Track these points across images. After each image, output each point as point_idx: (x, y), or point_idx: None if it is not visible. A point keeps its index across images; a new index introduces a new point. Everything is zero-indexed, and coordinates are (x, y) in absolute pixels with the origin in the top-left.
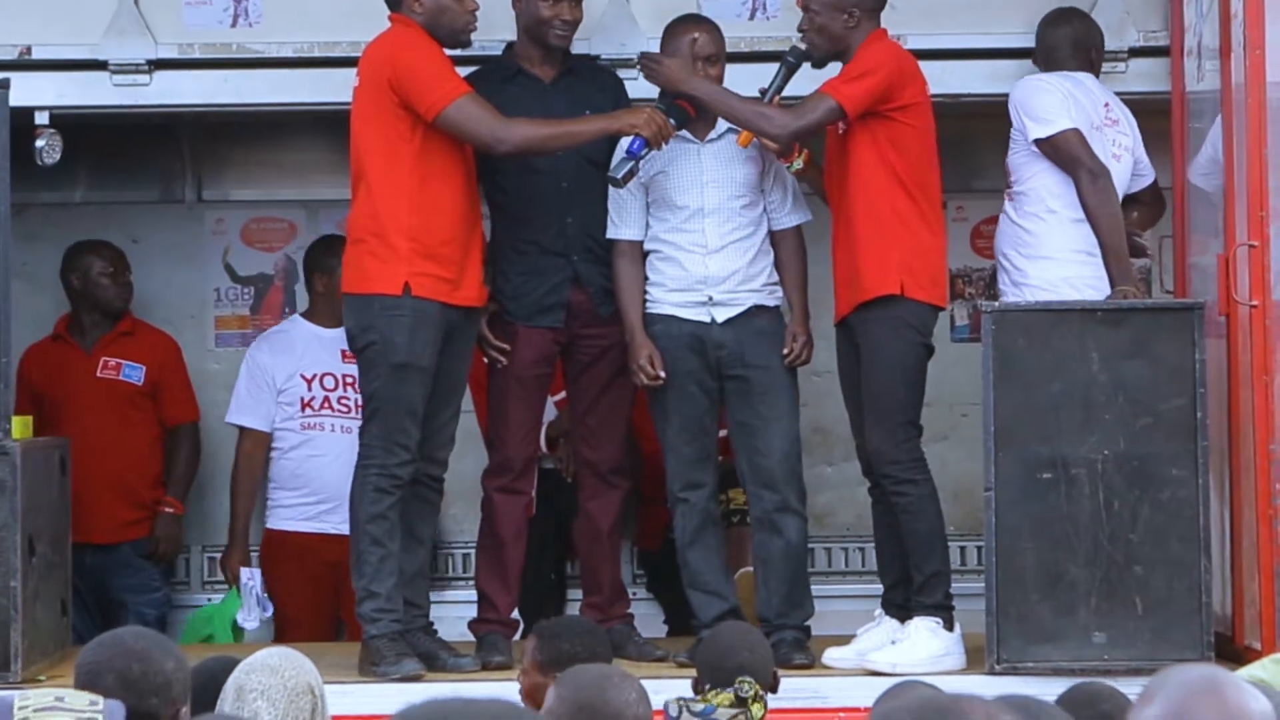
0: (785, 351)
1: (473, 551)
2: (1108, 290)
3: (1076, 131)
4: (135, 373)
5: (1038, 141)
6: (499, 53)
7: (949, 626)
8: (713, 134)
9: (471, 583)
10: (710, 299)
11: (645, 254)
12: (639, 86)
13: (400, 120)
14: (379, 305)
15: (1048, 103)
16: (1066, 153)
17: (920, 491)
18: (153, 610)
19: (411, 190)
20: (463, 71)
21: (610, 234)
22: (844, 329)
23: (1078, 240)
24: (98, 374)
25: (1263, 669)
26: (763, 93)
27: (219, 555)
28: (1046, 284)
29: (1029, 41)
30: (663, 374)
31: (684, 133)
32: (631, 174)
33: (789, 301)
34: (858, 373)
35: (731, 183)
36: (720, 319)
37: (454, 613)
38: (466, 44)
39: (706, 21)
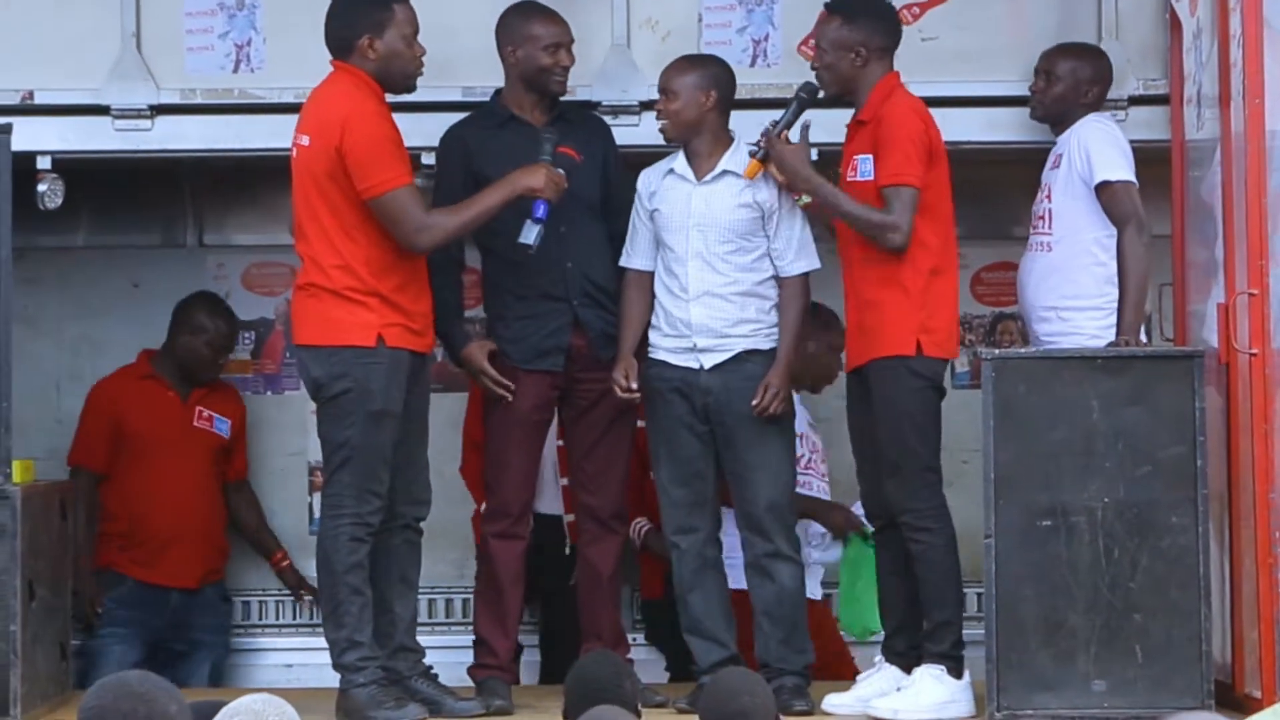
0: (754, 402)
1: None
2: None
3: (1134, 184)
4: (224, 426)
5: (1104, 183)
6: (487, 99)
7: (956, 674)
8: (710, 175)
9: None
10: (695, 345)
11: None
12: (635, 133)
13: (350, 184)
14: (353, 354)
15: (1118, 150)
16: (1125, 200)
17: (935, 540)
18: (223, 650)
19: (364, 246)
20: (453, 118)
21: (622, 262)
22: (857, 376)
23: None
24: (194, 423)
25: (1275, 715)
26: (774, 125)
27: (250, 600)
28: (1098, 331)
29: (1028, 91)
30: (635, 385)
31: (681, 171)
32: (539, 237)
33: (777, 349)
34: (866, 420)
35: (716, 228)
36: (707, 365)
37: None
38: (413, 89)
39: (679, 59)
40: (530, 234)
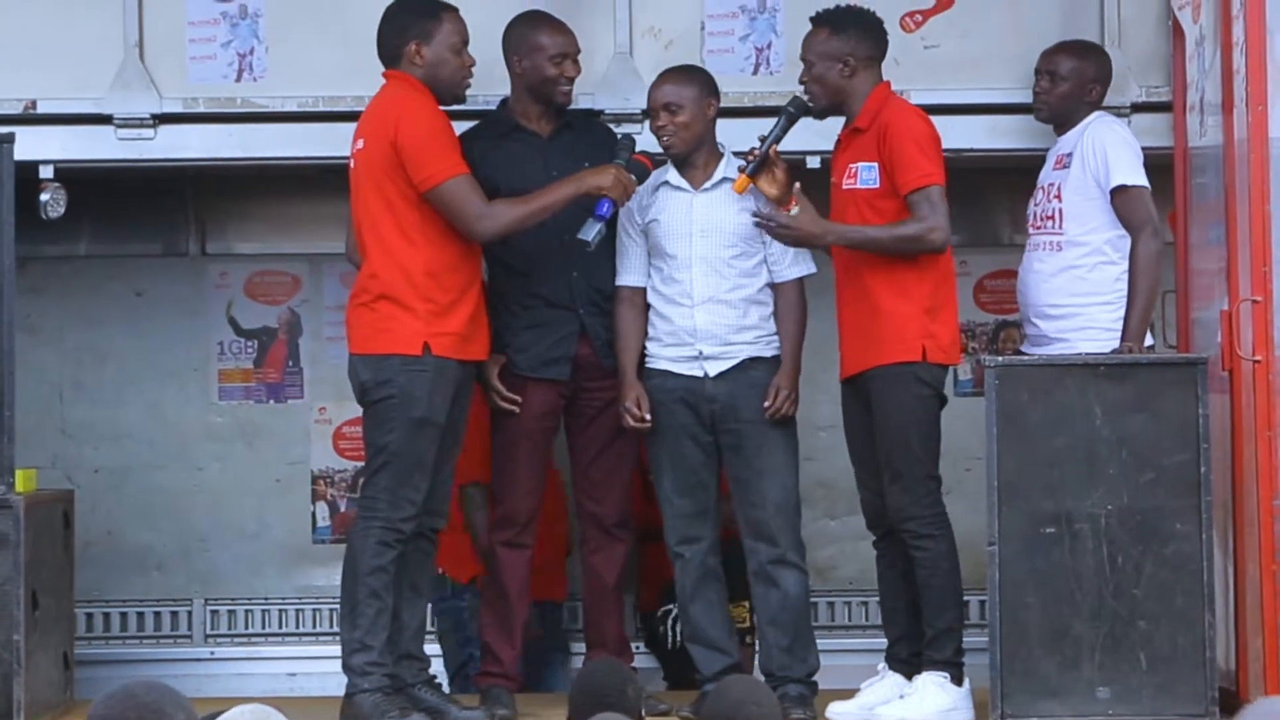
0: (766, 404)
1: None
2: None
3: (1149, 189)
4: None
5: (1119, 187)
6: (494, 108)
7: (958, 681)
8: (708, 183)
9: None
10: (700, 353)
11: (648, 305)
12: (638, 141)
13: (406, 181)
14: (400, 361)
15: (1134, 153)
16: (1141, 206)
17: (938, 547)
18: None
19: (422, 250)
20: (460, 127)
21: (617, 281)
22: (852, 384)
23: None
24: None
25: None
26: (762, 140)
27: (221, 609)
28: (1111, 324)
29: (1030, 97)
30: (648, 416)
31: (676, 182)
32: (600, 235)
33: (782, 353)
34: (865, 427)
35: (720, 233)
36: (712, 373)
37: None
38: (462, 99)
39: (671, 72)
40: (590, 231)
